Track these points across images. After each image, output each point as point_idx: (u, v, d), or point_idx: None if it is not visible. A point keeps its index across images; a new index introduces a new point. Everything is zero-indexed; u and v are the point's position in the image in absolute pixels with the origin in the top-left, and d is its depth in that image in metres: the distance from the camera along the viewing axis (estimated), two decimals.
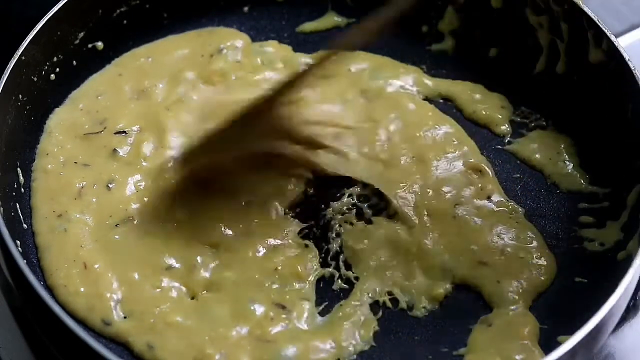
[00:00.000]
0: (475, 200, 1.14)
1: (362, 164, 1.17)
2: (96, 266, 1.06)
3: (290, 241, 1.11)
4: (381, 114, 1.22)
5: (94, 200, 1.12)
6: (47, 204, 1.12)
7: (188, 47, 1.29)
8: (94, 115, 1.20)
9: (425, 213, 1.13)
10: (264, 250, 1.09)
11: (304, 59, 1.28)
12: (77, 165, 1.15)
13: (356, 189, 1.15)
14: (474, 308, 1.06)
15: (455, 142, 1.20)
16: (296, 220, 1.13)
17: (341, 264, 1.10)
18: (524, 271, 1.08)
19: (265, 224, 1.12)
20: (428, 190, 1.15)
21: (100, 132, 1.18)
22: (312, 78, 1.15)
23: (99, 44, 1.26)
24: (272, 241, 1.11)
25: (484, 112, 1.24)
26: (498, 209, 1.14)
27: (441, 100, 1.26)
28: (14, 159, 1.12)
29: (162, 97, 1.23)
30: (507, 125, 1.23)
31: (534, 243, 1.11)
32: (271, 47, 1.31)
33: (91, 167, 1.15)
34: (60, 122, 1.20)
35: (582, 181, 1.17)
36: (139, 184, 1.14)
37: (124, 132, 1.18)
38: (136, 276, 1.06)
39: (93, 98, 1.22)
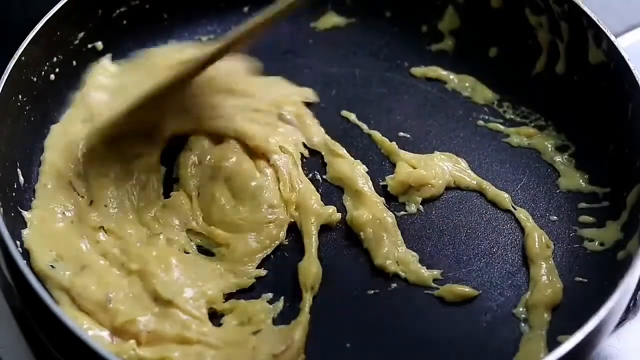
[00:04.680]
0: None
1: None
2: None
3: None
4: None
5: None
6: (44, 247, 1.07)
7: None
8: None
9: None
10: None
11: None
12: (66, 220, 1.11)
13: None
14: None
15: None
16: None
17: None
18: None
19: None
20: None
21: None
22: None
23: (99, 44, 1.26)
24: None
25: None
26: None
27: None
28: (14, 160, 1.12)
29: None
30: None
31: None
32: None
33: (75, 225, 1.10)
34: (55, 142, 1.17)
35: (582, 181, 1.17)
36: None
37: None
38: None
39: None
